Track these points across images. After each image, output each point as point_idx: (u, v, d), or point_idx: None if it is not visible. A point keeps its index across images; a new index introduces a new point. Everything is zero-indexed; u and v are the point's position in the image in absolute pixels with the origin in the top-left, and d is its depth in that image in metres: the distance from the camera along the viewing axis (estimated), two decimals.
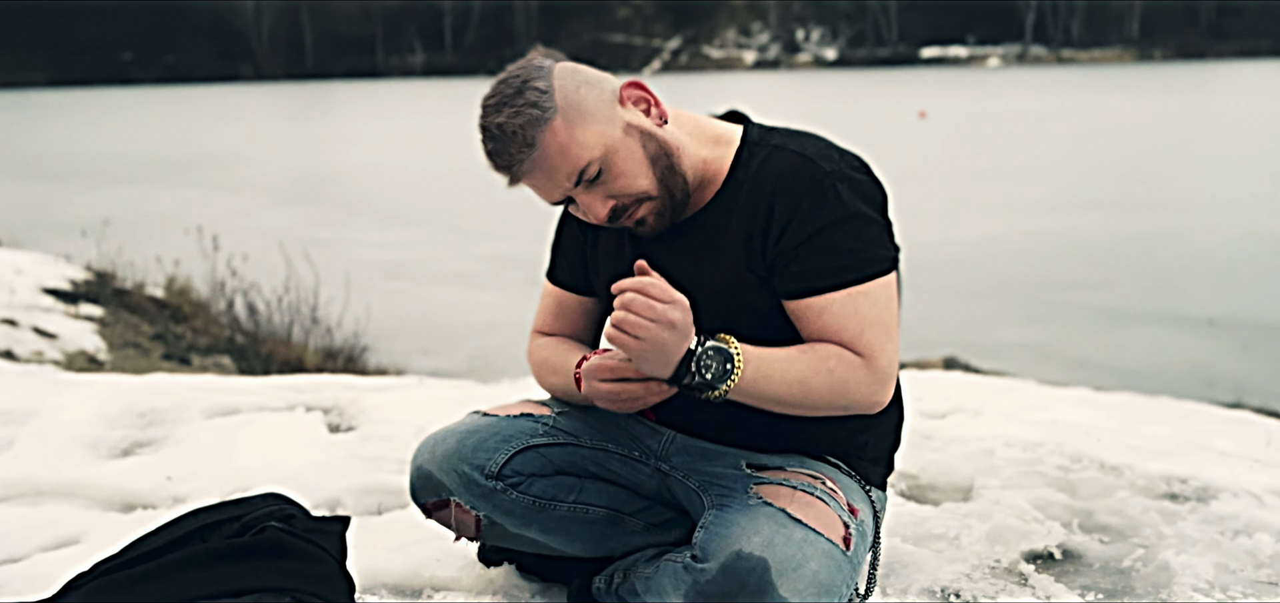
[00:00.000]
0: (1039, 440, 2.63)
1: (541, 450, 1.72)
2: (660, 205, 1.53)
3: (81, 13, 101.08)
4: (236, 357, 5.83)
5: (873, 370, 1.50)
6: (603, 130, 1.48)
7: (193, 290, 6.97)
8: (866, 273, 1.50)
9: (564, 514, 1.72)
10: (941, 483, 2.43)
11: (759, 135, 1.61)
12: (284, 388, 2.89)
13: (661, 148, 1.53)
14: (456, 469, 1.68)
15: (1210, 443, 2.99)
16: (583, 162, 1.47)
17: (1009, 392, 3.73)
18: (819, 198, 1.49)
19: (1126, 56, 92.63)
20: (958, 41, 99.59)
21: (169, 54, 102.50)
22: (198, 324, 6.26)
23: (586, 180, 1.48)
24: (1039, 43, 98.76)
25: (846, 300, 1.49)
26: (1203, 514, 2.19)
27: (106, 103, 63.13)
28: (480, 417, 1.76)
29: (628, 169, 1.50)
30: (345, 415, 2.74)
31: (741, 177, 1.57)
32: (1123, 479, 2.39)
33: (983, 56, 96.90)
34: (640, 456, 1.76)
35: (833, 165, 1.53)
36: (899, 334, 1.55)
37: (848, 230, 1.50)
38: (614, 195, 1.50)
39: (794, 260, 1.51)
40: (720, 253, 1.56)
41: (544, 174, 1.48)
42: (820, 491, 1.55)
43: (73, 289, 5.98)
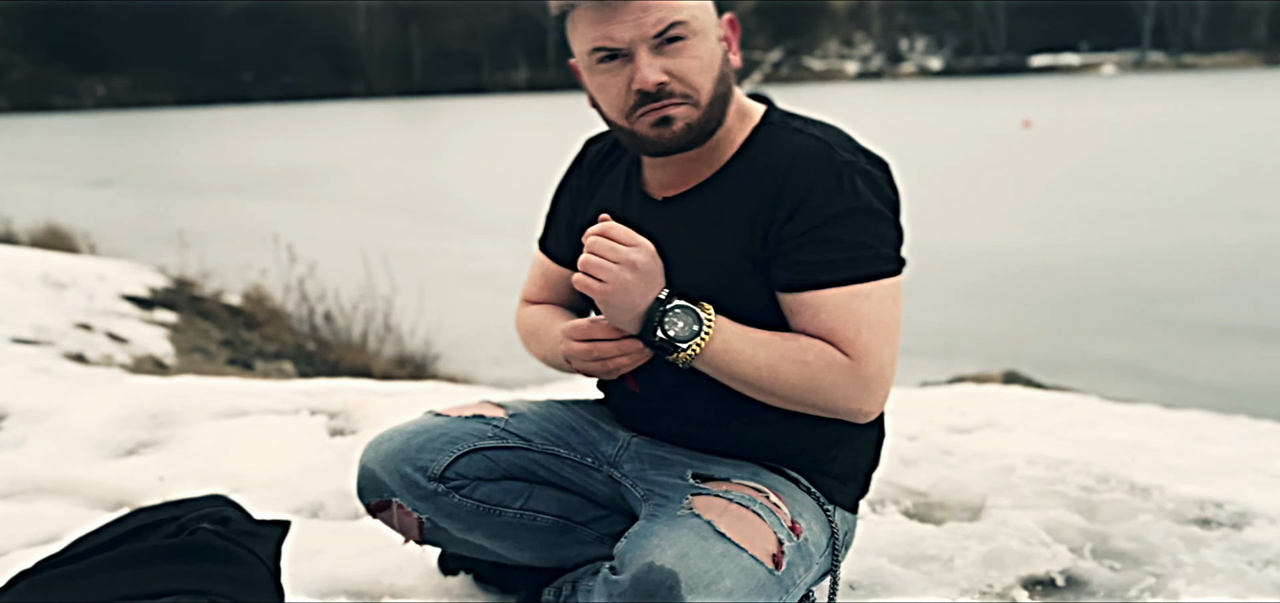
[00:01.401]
0: (1067, 458, 2.46)
1: (489, 453, 1.66)
2: (697, 118, 1.46)
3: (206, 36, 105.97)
4: (303, 362, 5.95)
5: (859, 374, 1.41)
6: (706, 18, 1.46)
7: (268, 298, 7.16)
8: (871, 271, 1.42)
9: (510, 520, 1.66)
10: (950, 501, 2.29)
11: (780, 118, 1.55)
12: (296, 392, 2.91)
13: (729, 79, 1.50)
14: (399, 470, 1.63)
15: (1273, 465, 2.76)
16: (682, 16, 1.42)
17: (1065, 406, 3.53)
18: (833, 185, 1.42)
19: (1253, 61, 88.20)
20: (1070, 49, 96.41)
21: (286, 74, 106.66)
22: (269, 331, 6.42)
23: (667, 39, 1.43)
24: (1158, 48, 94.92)
25: (846, 298, 1.41)
26: (1232, 541, 2.00)
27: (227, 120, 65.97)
28: (432, 417, 1.71)
29: (703, 59, 1.45)
30: (350, 419, 2.74)
31: (754, 153, 1.51)
32: (1150, 502, 2.21)
33: (1097, 64, 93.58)
34: (594, 462, 1.69)
35: (851, 156, 1.46)
36: (899, 342, 1.46)
37: (858, 224, 1.42)
38: (674, 73, 1.44)
39: (797, 249, 1.43)
40: (720, 227, 1.50)
41: (638, 10, 1.41)
42: (759, 505, 1.46)
43: (151, 296, 6.19)
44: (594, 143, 1.75)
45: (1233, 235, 12.85)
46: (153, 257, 9.52)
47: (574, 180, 1.75)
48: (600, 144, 1.73)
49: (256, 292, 7.41)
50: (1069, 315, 9.75)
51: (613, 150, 1.71)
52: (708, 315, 1.41)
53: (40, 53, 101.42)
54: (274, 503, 2.14)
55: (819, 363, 1.41)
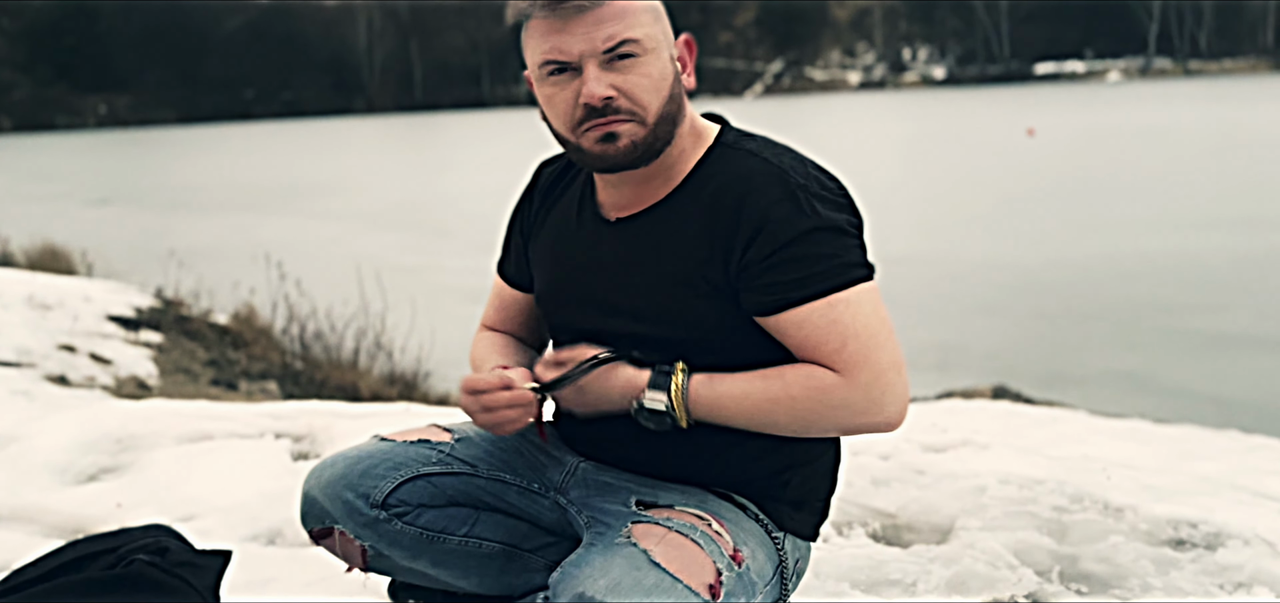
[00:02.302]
0: (1041, 478, 2.41)
1: (433, 480, 1.63)
2: (643, 136, 1.44)
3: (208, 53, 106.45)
4: (289, 382, 5.92)
5: (854, 387, 1.37)
6: (660, 36, 1.45)
7: (257, 317, 7.13)
8: (846, 279, 1.39)
9: (455, 548, 1.63)
10: (919, 523, 2.25)
11: (734, 138, 1.53)
12: (262, 415, 2.87)
13: (680, 99, 1.49)
14: (341, 496, 1.60)
15: (1258, 483, 2.72)
16: (633, 34, 1.41)
17: (1049, 422, 3.50)
18: (792, 207, 1.40)
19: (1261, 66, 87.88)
20: (1075, 56, 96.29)
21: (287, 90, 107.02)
22: (256, 350, 6.39)
23: (619, 53, 1.41)
24: (1163, 55, 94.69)
25: (826, 310, 1.38)
26: (1204, 563, 1.96)
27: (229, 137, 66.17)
28: (377, 442, 1.69)
29: (653, 77, 1.43)
30: (316, 443, 2.70)
31: (707, 174, 1.49)
32: (1122, 522, 2.17)
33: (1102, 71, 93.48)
34: (540, 488, 1.65)
35: (806, 179, 1.44)
36: (895, 341, 1.42)
37: (822, 240, 1.40)
38: (622, 89, 1.42)
39: (765, 272, 1.40)
40: (674, 248, 1.47)
41: (592, 22, 1.40)
42: (700, 533, 1.42)
43: (137, 316, 6.17)
44: (547, 165, 1.73)
45: (1238, 244, 12.78)
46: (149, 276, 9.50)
47: (527, 204, 1.72)
48: (553, 166, 1.71)
49: (245, 311, 7.37)
50: (1070, 327, 9.69)
51: (566, 172, 1.68)
52: (677, 399, 1.42)
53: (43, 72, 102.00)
54: (230, 530, 2.11)
55: (806, 393, 1.39)
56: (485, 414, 1.46)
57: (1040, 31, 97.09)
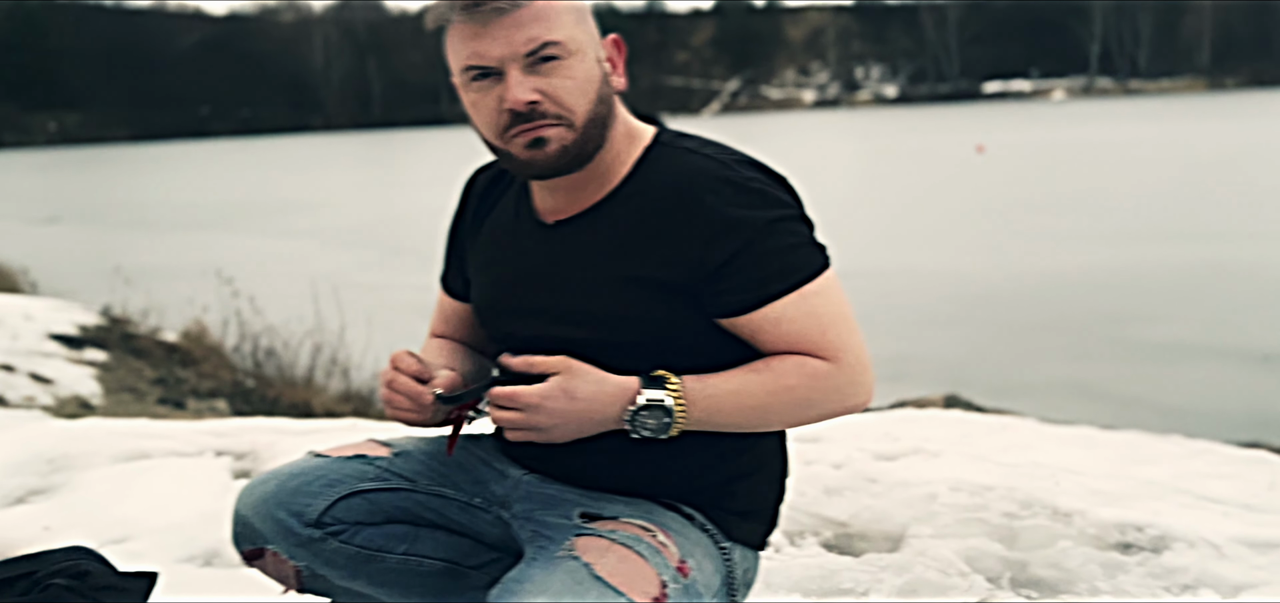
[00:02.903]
0: (991, 484, 2.42)
1: (370, 496, 1.58)
2: (571, 141, 1.40)
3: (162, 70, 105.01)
4: (240, 400, 5.82)
5: (842, 371, 1.38)
6: (584, 38, 1.40)
7: (207, 335, 7.01)
8: (814, 269, 1.39)
9: (394, 566, 1.58)
10: (871, 531, 2.23)
11: (671, 138, 1.50)
12: (203, 433, 2.80)
13: (609, 101, 1.44)
14: (273, 515, 1.55)
15: (1202, 486, 2.74)
16: (555, 36, 1.36)
17: (999, 430, 3.51)
18: (747, 203, 1.38)
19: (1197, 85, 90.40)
20: (1021, 76, 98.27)
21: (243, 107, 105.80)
22: (206, 368, 6.28)
23: (541, 56, 1.37)
24: (1105, 75, 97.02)
25: (801, 301, 1.37)
26: (1151, 566, 1.97)
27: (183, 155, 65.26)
28: (312, 458, 1.63)
29: (578, 80, 1.39)
30: (258, 460, 2.64)
31: (647, 174, 1.46)
32: (1071, 527, 2.17)
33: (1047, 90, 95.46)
34: (483, 502, 1.61)
35: (751, 173, 1.42)
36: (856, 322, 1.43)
37: (783, 231, 1.39)
38: (547, 93, 1.38)
39: (733, 273, 1.38)
40: (616, 249, 1.44)
41: (511, 25, 1.36)
42: (644, 545, 1.39)
43: (81, 335, 6.04)
44: (482, 172, 1.69)
45: (1178, 256, 13.04)
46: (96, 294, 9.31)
47: (462, 214, 1.69)
48: (487, 173, 1.68)
49: (195, 328, 7.25)
50: (1019, 338, 9.81)
51: (500, 178, 1.65)
52: (676, 400, 1.36)
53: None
54: (164, 551, 2.04)
55: (802, 381, 1.38)
56: (385, 388, 1.45)
57: (988, 52, 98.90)
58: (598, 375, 1.37)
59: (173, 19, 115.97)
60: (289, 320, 7.48)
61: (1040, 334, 9.87)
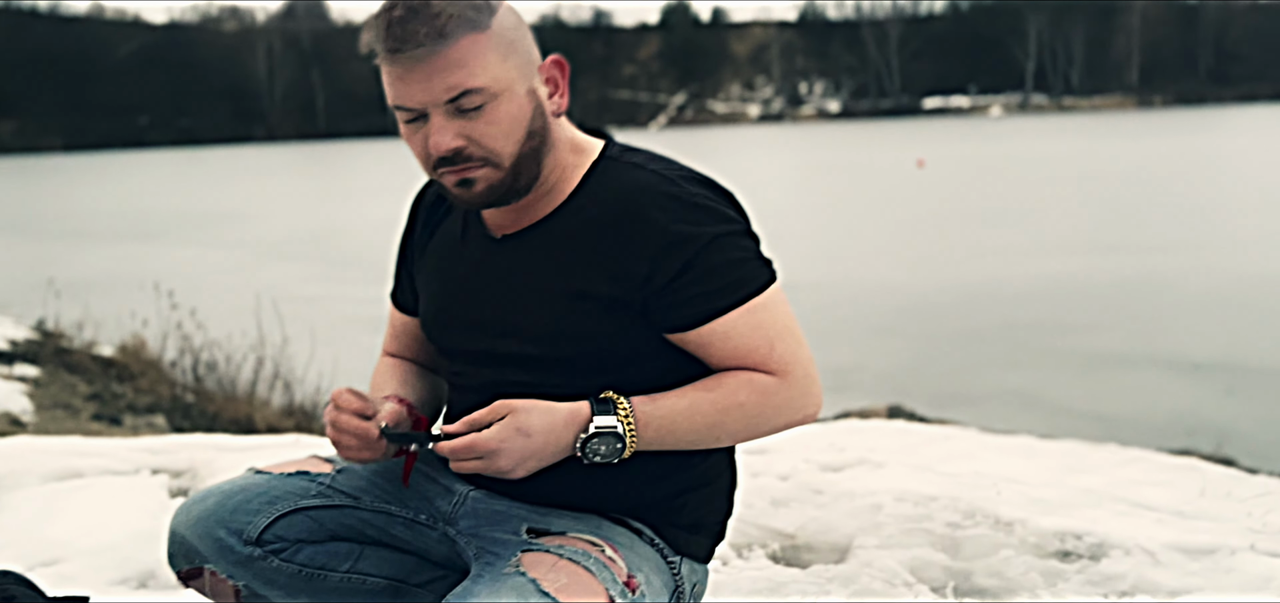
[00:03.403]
0: (934, 495, 2.45)
1: (312, 513, 1.56)
2: (499, 180, 1.39)
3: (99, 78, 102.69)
4: (179, 416, 5.69)
5: (791, 384, 1.40)
6: (510, 75, 1.36)
7: (145, 348, 6.86)
8: (761, 283, 1.40)
9: (337, 585, 1.56)
10: (818, 543, 2.25)
11: (619, 152, 1.50)
12: (139, 450, 2.73)
13: (542, 132, 1.42)
14: (211, 534, 1.51)
15: (1136, 494, 2.80)
16: (475, 83, 1.33)
17: (942, 440, 3.56)
18: (691, 218, 1.38)
19: (1127, 103, 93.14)
20: (959, 92, 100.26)
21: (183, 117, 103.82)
22: (143, 383, 6.13)
23: (461, 105, 1.34)
24: (1040, 91, 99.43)
25: (748, 316, 1.38)
26: (1089, 574, 2.01)
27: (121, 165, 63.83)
28: (252, 474, 1.60)
29: (503, 124, 1.36)
30: (196, 478, 2.58)
31: (594, 188, 1.45)
32: (1013, 536, 2.21)
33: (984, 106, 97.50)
34: (428, 519, 1.59)
35: (697, 188, 1.43)
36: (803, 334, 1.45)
37: (729, 246, 1.39)
38: (470, 138, 1.36)
39: (681, 287, 1.38)
40: (564, 263, 1.43)
41: (429, 74, 1.33)
42: (593, 560, 1.39)
43: (10, 349, 5.86)
44: (430, 186, 1.68)
45: (1111, 268, 13.36)
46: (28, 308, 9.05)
47: (411, 229, 1.68)
48: (435, 187, 1.66)
49: (133, 342, 7.08)
50: (959, 348, 9.96)
51: None
52: (627, 423, 1.35)
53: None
54: (97, 574, 1.99)
55: (753, 397, 1.39)
56: (331, 429, 1.43)
57: (927, 68, 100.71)
58: (544, 406, 1.36)
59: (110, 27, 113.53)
60: (231, 334, 7.35)
61: (979, 345, 10.03)
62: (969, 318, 11.05)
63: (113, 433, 4.75)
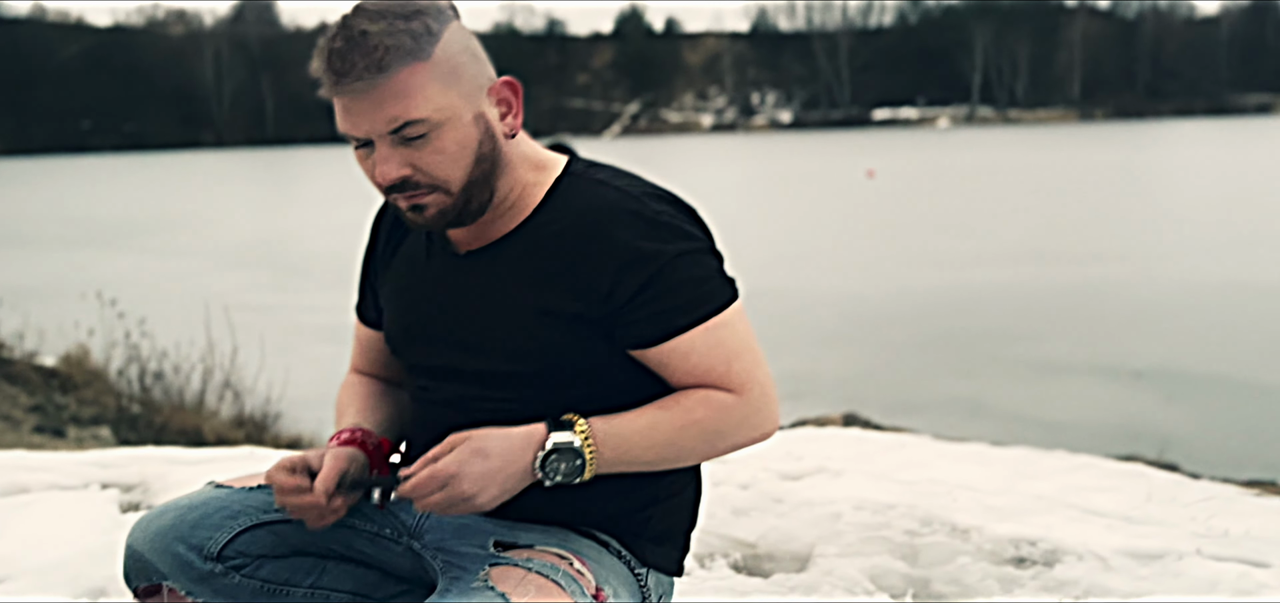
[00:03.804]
0: (892, 502, 2.48)
1: (275, 528, 1.54)
2: (449, 205, 1.39)
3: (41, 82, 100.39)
4: (125, 428, 5.58)
5: (748, 402, 1.40)
6: (455, 102, 1.35)
7: (90, 359, 6.72)
8: (721, 302, 1.40)
9: (300, 600, 1.55)
10: (779, 551, 2.27)
11: (582, 168, 1.49)
12: (87, 464, 2.67)
13: (493, 155, 1.40)
14: (170, 550, 1.49)
15: (1086, 499, 2.86)
16: (415, 115, 1.32)
17: (889, 450, 3.60)
18: (654, 235, 1.39)
19: (1069, 116, 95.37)
20: (908, 103, 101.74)
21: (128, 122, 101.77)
22: (87, 394, 6.01)
23: (404, 135, 1.34)
24: (986, 104, 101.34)
25: (708, 334, 1.38)
26: (1044, 580, 2.05)
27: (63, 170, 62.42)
28: (212, 489, 1.58)
29: (449, 152, 1.36)
30: (148, 493, 2.53)
31: (558, 204, 1.45)
32: (969, 543, 2.25)
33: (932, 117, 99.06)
34: (392, 533, 1.58)
35: (661, 205, 1.43)
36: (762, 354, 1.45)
37: (691, 264, 1.39)
38: (417, 166, 1.36)
39: (642, 305, 1.38)
40: (528, 279, 1.43)
41: (371, 104, 1.32)
42: (561, 573, 1.39)
43: None
44: None
45: (1056, 277, 13.63)
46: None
47: (375, 242, 1.67)
48: None
49: (77, 352, 6.93)
50: (909, 357, 10.10)
51: None
52: (585, 441, 1.35)
53: None
54: (45, 592, 1.94)
55: (711, 415, 1.39)
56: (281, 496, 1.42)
57: (877, 80, 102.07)
58: (500, 430, 1.36)
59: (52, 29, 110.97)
60: (179, 343, 7.23)
61: (929, 353, 10.19)
62: (919, 326, 11.22)
63: (56, 446, 4.64)
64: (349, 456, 1.48)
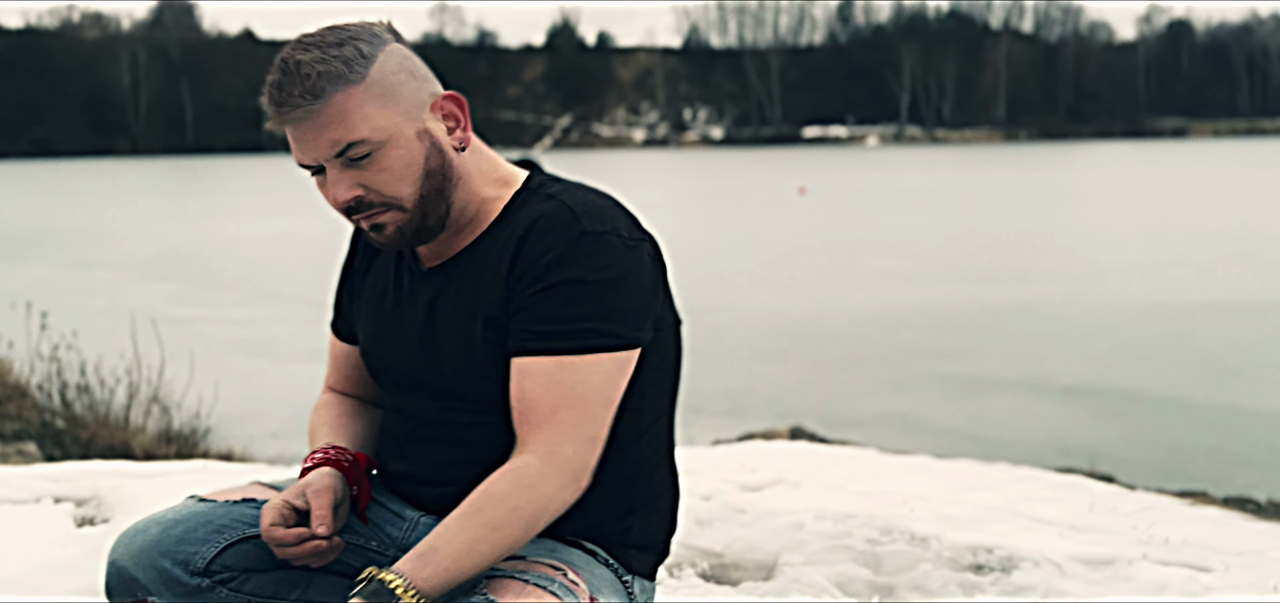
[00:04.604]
0: (852, 512, 2.54)
1: (260, 541, 1.52)
2: (406, 221, 1.40)
3: None
4: (50, 443, 5.42)
5: (555, 470, 1.36)
6: (395, 120, 1.37)
7: (9, 371, 6.49)
8: (584, 344, 1.36)
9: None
10: (745, 561, 2.31)
11: (539, 183, 1.50)
12: (37, 478, 2.60)
13: (443, 169, 1.42)
14: (155, 564, 1.47)
15: (1033, 510, 2.95)
16: (356, 136, 1.35)
17: (840, 462, 3.66)
18: (565, 252, 1.37)
19: (994, 136, 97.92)
20: (838, 122, 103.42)
21: (37, 127, 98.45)
22: (9, 409, 5.81)
23: (349, 157, 1.36)
24: (914, 123, 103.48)
25: (553, 369, 1.36)
26: (1003, 585, 2.11)
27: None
28: (195, 503, 1.56)
29: (395, 169, 1.37)
30: (103, 507, 2.48)
31: (507, 218, 1.46)
32: (929, 551, 2.31)
33: (861, 136, 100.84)
34: (379, 545, 1.58)
35: (598, 224, 1.40)
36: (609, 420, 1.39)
37: (581, 293, 1.36)
38: (367, 186, 1.38)
39: (518, 313, 1.40)
40: (472, 294, 1.45)
41: (312, 131, 1.35)
42: (557, 584, 1.40)
43: None
44: None
45: (984, 296, 13.97)
46: None
47: (353, 257, 1.69)
48: None
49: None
50: (844, 373, 10.26)
51: None
52: (410, 598, 1.29)
53: None
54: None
55: (524, 498, 1.35)
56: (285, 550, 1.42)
57: (807, 98, 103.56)
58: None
59: None
60: (102, 356, 7.04)
61: (864, 369, 10.35)
62: (853, 343, 11.40)
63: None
64: (330, 482, 1.48)
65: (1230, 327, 11.56)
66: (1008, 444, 6.97)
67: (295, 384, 9.82)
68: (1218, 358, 10.10)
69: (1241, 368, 9.66)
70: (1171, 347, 10.72)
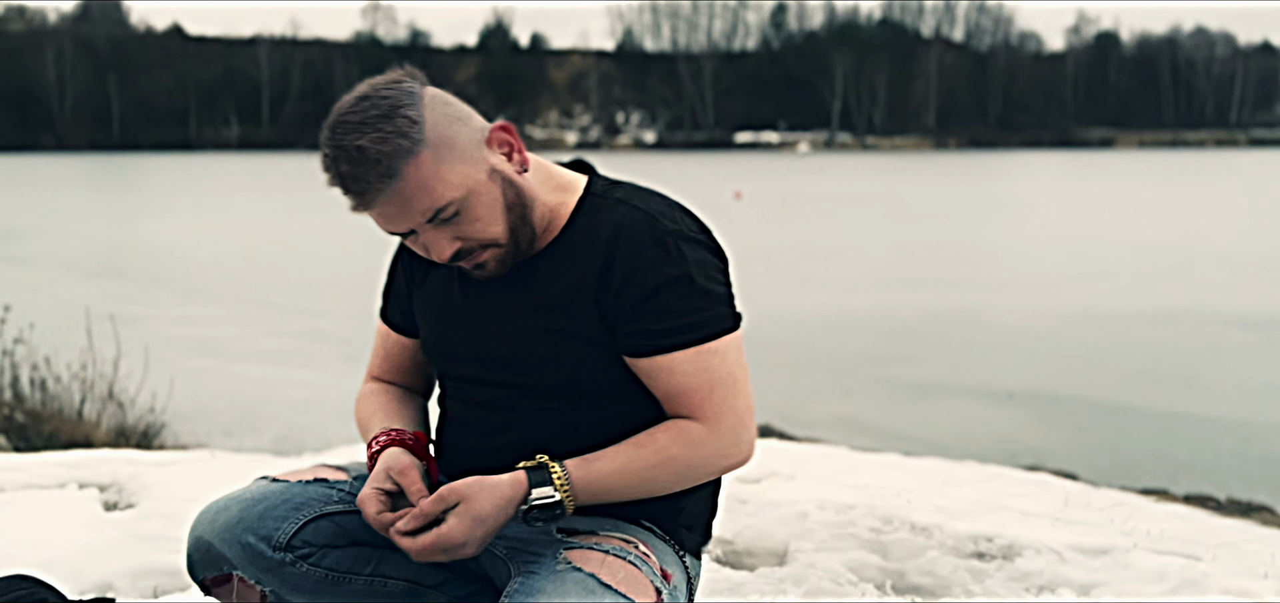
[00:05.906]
0: (851, 503, 2.65)
1: (336, 519, 1.59)
2: (505, 253, 1.49)
3: None
4: (14, 435, 5.33)
5: (720, 435, 1.48)
6: (468, 171, 1.43)
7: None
8: (714, 330, 1.48)
9: (360, 588, 1.60)
10: (757, 548, 2.40)
11: (603, 188, 1.58)
12: (57, 464, 2.61)
13: (519, 196, 1.49)
14: (240, 540, 1.53)
15: (1013, 504, 3.09)
16: (443, 200, 1.41)
17: (822, 458, 3.79)
18: (660, 254, 1.47)
19: (925, 144, 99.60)
20: (770, 127, 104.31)
21: None
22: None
23: (440, 220, 1.42)
24: (845, 130, 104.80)
25: (695, 358, 1.47)
26: (1008, 572, 2.24)
27: None
28: (269, 482, 1.62)
29: (484, 214, 1.45)
30: (124, 492, 2.49)
31: (581, 225, 1.53)
32: (933, 539, 2.43)
33: (793, 142, 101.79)
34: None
35: (675, 224, 1.51)
36: (750, 388, 1.53)
37: (691, 288, 1.47)
38: (464, 237, 1.45)
39: (636, 318, 1.47)
40: (549, 300, 1.52)
41: (397, 206, 1.41)
42: (633, 555, 1.49)
43: None
44: None
45: (922, 301, 14.28)
46: None
47: (404, 250, 1.72)
48: None
49: None
50: (792, 378, 10.39)
51: None
52: (563, 491, 1.44)
53: None
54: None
55: (684, 450, 1.48)
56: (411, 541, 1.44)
57: (739, 104, 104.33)
58: (490, 485, 1.44)
59: None
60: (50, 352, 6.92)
61: (809, 374, 10.52)
62: (797, 348, 11.56)
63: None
64: (409, 460, 1.54)
65: (1165, 335, 11.97)
66: (958, 448, 7.16)
67: (245, 384, 9.69)
68: (1155, 365, 10.46)
69: (1178, 375, 10.03)
70: (1109, 354, 11.08)
